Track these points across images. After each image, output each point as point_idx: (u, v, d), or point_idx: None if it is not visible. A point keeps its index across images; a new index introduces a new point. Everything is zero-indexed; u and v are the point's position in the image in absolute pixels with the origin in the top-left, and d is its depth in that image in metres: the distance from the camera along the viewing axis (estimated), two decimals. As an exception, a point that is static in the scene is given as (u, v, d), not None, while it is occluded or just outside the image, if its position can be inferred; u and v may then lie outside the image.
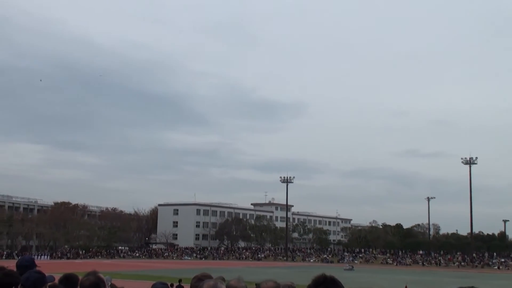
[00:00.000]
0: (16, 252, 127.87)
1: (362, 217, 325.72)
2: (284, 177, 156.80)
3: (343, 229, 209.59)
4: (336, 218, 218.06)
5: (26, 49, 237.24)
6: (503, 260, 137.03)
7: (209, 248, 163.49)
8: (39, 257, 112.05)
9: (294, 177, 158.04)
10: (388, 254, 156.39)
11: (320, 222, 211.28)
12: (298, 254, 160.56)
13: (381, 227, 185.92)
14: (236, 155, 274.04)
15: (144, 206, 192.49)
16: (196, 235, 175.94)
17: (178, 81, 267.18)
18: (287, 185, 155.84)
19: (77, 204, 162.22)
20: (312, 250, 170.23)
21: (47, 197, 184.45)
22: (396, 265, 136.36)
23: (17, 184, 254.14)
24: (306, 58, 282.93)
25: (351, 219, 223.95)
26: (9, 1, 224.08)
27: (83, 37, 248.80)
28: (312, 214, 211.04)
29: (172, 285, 33.52)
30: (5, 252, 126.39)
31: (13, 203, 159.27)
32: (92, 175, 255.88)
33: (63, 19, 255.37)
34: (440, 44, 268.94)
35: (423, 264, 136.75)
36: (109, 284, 7.13)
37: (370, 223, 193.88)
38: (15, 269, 8.03)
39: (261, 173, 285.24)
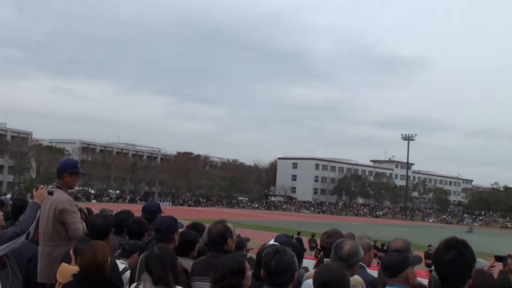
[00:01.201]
0: (139, 197, 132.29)
1: (484, 178, 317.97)
2: (405, 135, 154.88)
3: (463, 190, 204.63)
4: (457, 178, 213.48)
5: (149, 5, 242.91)
6: None
7: (327, 203, 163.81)
8: (161, 203, 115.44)
9: (415, 134, 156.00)
10: (508, 218, 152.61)
11: (440, 182, 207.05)
12: (417, 213, 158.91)
13: (502, 189, 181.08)
14: (357, 111, 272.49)
15: (263, 159, 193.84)
16: (314, 189, 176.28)
17: (299, 35, 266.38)
18: (408, 142, 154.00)
19: (199, 155, 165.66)
20: (431, 210, 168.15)
21: (170, 147, 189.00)
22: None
23: (142, 133, 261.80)
24: (432, 11, 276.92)
25: (472, 180, 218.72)
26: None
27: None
28: (433, 174, 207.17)
29: (292, 236, 34.08)
30: (128, 197, 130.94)
31: (137, 151, 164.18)
32: (215, 127, 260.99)
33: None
34: None
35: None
36: (238, 234, 7.44)
37: (491, 185, 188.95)
38: (141, 213, 8.54)
39: (381, 129, 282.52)
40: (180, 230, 7.09)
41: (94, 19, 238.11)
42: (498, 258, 5.52)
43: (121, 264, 6.49)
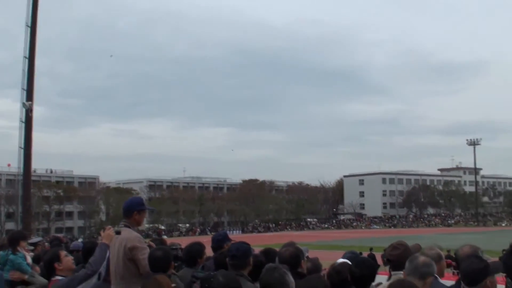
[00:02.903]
0: (209, 228, 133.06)
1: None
2: (470, 140, 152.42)
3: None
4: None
5: (203, 39, 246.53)
6: None
7: (397, 217, 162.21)
8: (231, 232, 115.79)
9: (481, 138, 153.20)
10: None
11: (510, 184, 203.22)
12: (489, 218, 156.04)
13: None
14: (419, 121, 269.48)
15: (329, 179, 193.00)
16: (383, 204, 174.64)
17: (354, 52, 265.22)
18: (474, 147, 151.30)
19: (264, 181, 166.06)
20: (503, 214, 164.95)
21: (235, 176, 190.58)
22: None
23: (206, 165, 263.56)
24: (482, 15, 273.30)
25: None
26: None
27: (258, 21, 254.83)
28: (502, 176, 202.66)
29: (361, 253, 33.63)
30: (198, 229, 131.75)
31: (203, 184, 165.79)
32: (277, 152, 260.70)
33: (235, 5, 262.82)
34: None
35: None
36: (307, 255, 7.37)
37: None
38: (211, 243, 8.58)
39: (445, 137, 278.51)
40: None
41: (149, 60, 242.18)
42: None
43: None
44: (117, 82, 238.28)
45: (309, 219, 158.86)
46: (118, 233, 7.06)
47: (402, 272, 6.01)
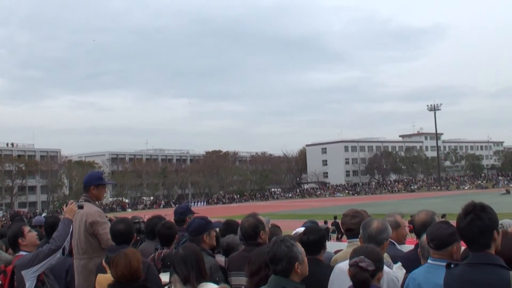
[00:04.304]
0: (173, 200, 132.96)
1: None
2: (431, 105, 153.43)
3: (495, 152, 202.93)
4: (488, 142, 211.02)
5: (160, 8, 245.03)
6: None
7: (360, 184, 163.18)
8: (195, 204, 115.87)
9: (441, 103, 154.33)
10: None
11: (471, 147, 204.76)
12: (452, 182, 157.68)
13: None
14: (379, 88, 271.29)
15: (292, 148, 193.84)
16: (346, 171, 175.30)
17: (312, 20, 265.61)
18: (434, 113, 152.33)
19: (227, 152, 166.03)
20: (465, 177, 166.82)
21: (198, 147, 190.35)
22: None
23: (169, 137, 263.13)
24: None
25: (503, 142, 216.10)
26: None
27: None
28: (463, 141, 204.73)
29: (326, 222, 34.03)
30: (162, 202, 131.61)
31: (166, 156, 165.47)
32: (239, 122, 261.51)
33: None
34: None
35: None
36: (269, 225, 7.47)
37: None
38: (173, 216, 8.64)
39: (406, 103, 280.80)
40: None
41: (107, 30, 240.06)
42: None
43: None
44: (75, 53, 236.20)
45: (273, 189, 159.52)
46: (80, 207, 7.10)
47: (357, 239, 6.13)
